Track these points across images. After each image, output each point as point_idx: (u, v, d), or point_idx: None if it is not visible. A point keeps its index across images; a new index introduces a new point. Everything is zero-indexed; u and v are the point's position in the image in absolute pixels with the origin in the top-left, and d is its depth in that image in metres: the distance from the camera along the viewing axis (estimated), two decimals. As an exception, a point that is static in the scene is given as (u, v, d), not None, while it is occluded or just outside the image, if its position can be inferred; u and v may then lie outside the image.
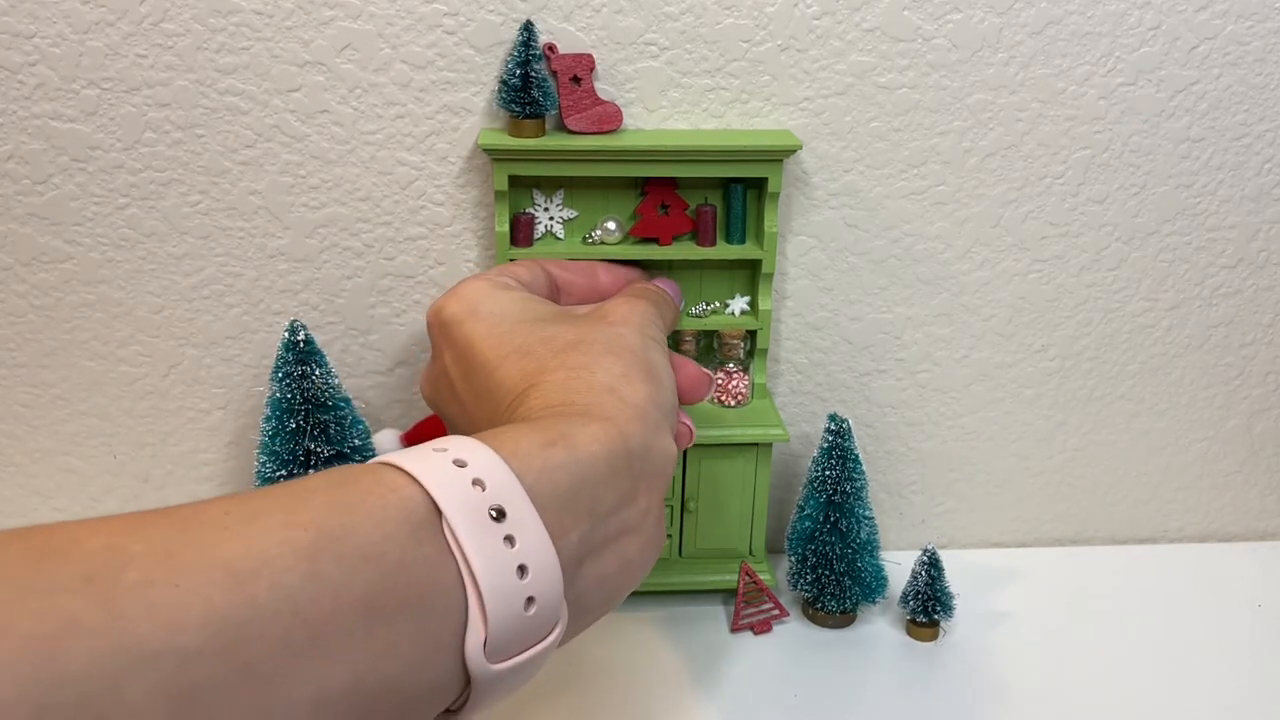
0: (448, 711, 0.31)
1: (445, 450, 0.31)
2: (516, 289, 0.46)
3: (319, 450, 0.55)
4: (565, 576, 0.32)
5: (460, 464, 0.30)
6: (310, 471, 0.55)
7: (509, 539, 0.30)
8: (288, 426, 0.55)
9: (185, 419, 0.66)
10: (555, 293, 0.51)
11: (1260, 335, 0.70)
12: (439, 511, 0.29)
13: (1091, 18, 0.60)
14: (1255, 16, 0.61)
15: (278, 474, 0.56)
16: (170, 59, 0.57)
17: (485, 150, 0.57)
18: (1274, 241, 0.67)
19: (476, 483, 0.30)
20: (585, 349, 0.41)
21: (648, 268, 0.61)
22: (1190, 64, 0.62)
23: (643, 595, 0.65)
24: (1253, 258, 0.67)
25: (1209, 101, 0.63)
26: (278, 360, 0.55)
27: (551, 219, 0.60)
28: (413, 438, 0.61)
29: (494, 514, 0.30)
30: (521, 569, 0.30)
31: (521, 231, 0.59)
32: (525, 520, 0.31)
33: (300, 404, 0.55)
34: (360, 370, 0.65)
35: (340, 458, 0.55)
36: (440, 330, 0.45)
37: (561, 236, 0.60)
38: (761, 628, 0.63)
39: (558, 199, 0.60)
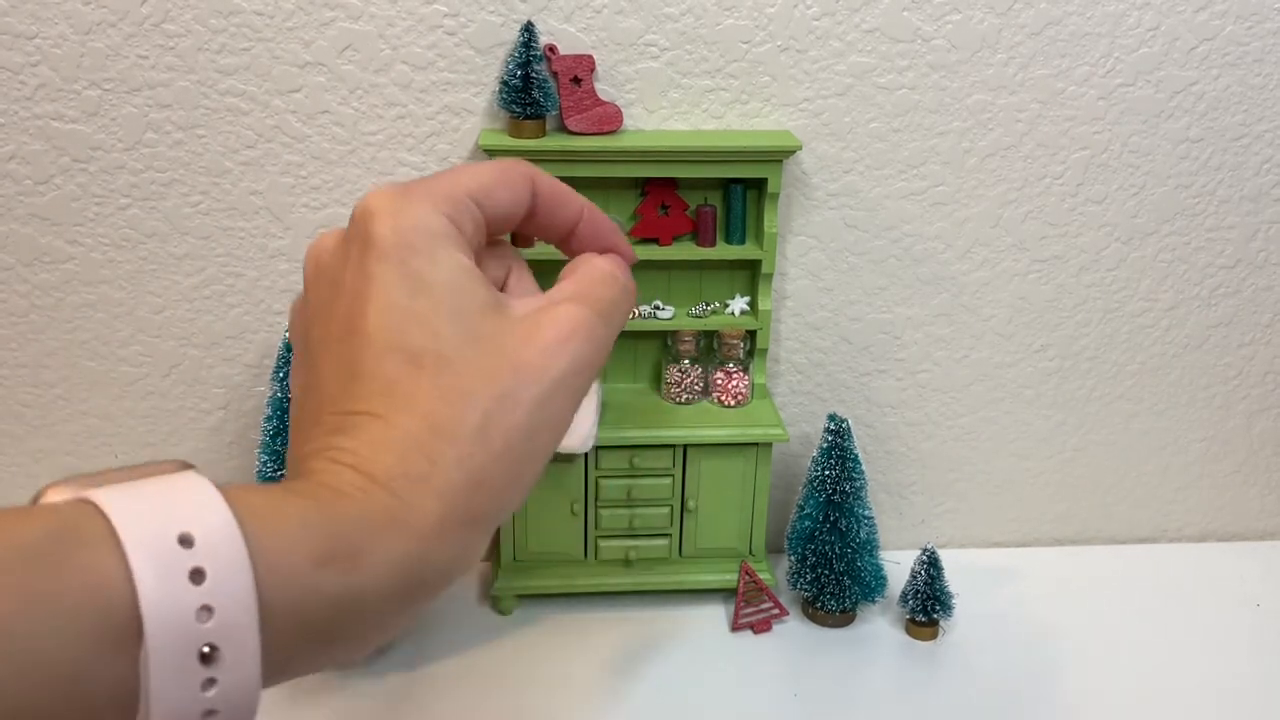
0: None
1: (182, 521, 0.25)
2: (466, 255, 0.33)
3: None
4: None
5: (189, 551, 0.25)
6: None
7: (209, 682, 0.25)
8: (289, 426, 0.55)
9: (186, 419, 0.66)
10: (520, 217, 0.37)
11: (1259, 335, 0.70)
12: (140, 631, 0.24)
13: (1091, 18, 0.60)
14: (1254, 18, 0.61)
15: (278, 473, 0.56)
16: (171, 60, 0.57)
17: (486, 151, 0.57)
18: (1273, 242, 0.67)
19: (205, 609, 0.24)
20: (473, 388, 0.30)
21: (648, 268, 0.61)
22: (1189, 65, 0.62)
23: (643, 595, 0.65)
24: (1251, 258, 0.67)
25: (1208, 102, 0.63)
26: (279, 360, 0.55)
27: (552, 219, 0.60)
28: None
29: (205, 652, 0.24)
30: (209, 715, 0.25)
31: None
32: (241, 663, 0.25)
33: None
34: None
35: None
36: (354, 239, 0.32)
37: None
38: (761, 627, 0.63)
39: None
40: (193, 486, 0.26)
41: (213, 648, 0.25)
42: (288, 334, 0.35)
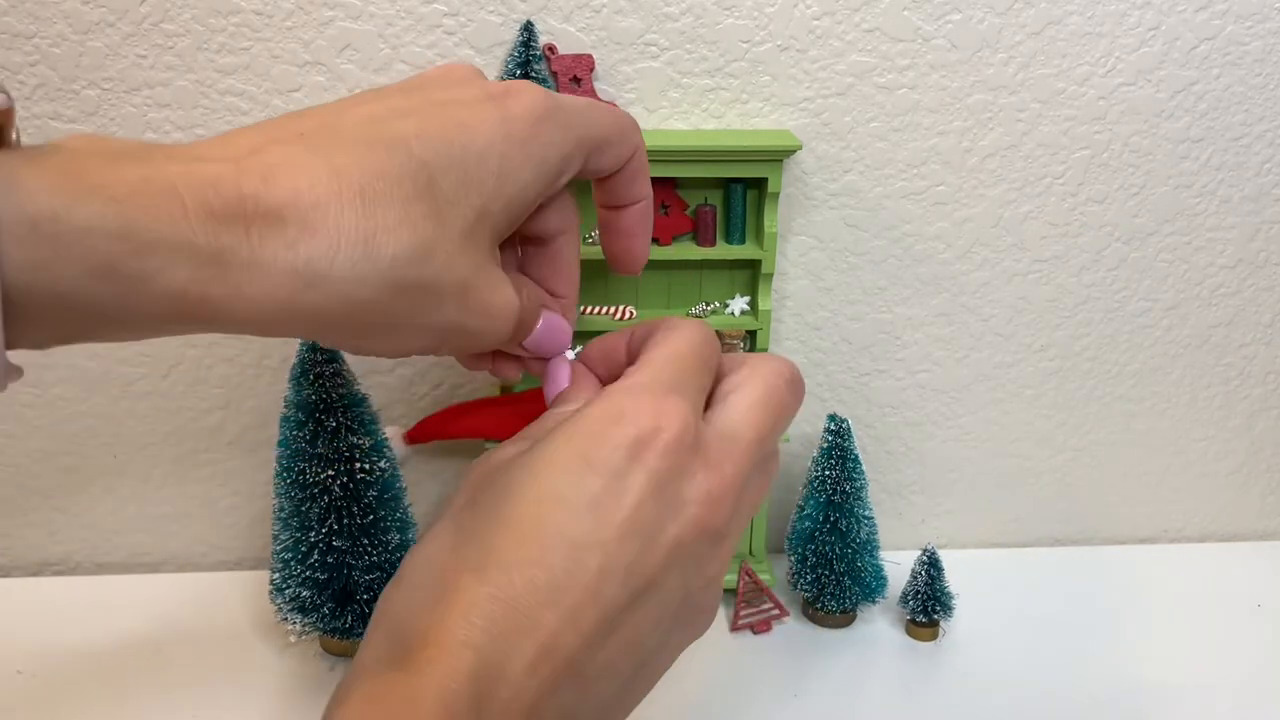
0: None
1: None
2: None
3: (341, 447, 0.55)
4: None
5: None
6: (328, 470, 0.54)
7: None
8: (309, 425, 0.55)
9: (185, 419, 0.66)
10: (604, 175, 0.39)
11: (1260, 335, 0.70)
12: None
13: (1091, 18, 0.60)
14: (1255, 17, 0.61)
15: (296, 469, 0.55)
16: (170, 59, 0.57)
17: (485, 150, 0.57)
18: (1273, 241, 0.67)
19: None
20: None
21: (648, 268, 0.61)
22: (1190, 64, 0.62)
23: (643, 595, 0.65)
24: (1252, 258, 0.67)
25: (1208, 102, 0.63)
26: (303, 361, 0.54)
27: (552, 219, 0.60)
28: (415, 435, 0.61)
29: None
30: None
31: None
32: None
33: (330, 402, 0.54)
34: (361, 369, 0.65)
35: (359, 455, 0.55)
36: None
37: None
38: (761, 627, 0.63)
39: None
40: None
41: None
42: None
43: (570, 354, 0.48)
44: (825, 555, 0.61)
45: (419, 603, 0.31)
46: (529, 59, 0.56)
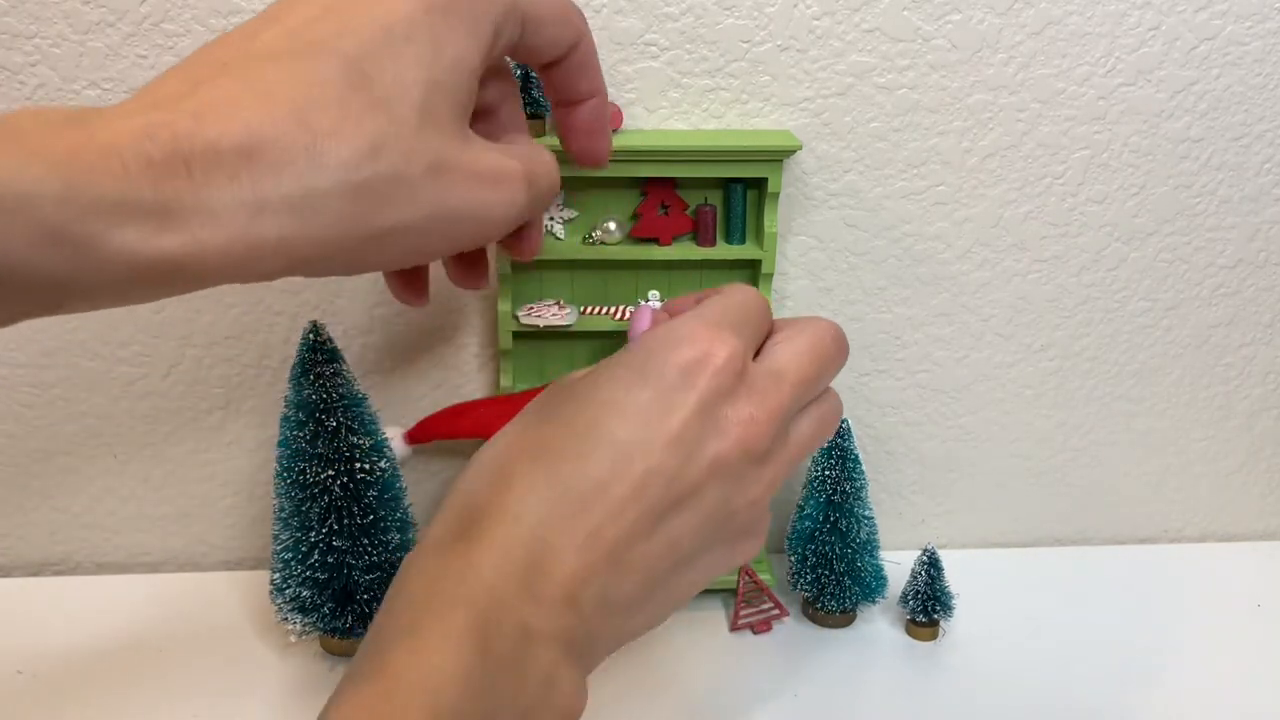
0: None
1: None
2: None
3: (341, 447, 0.55)
4: None
5: None
6: (328, 470, 0.55)
7: None
8: (309, 425, 0.55)
9: (185, 419, 0.66)
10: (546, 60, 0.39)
11: (1260, 335, 0.70)
12: None
13: (1091, 18, 0.60)
14: (1255, 17, 0.61)
15: (296, 469, 0.55)
16: (171, 59, 0.57)
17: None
18: (1273, 241, 0.67)
19: None
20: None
21: (648, 268, 0.61)
22: (1190, 64, 0.62)
23: (643, 595, 0.65)
24: (1252, 258, 0.67)
25: (1208, 102, 0.63)
26: (303, 361, 0.54)
27: (551, 219, 0.60)
28: (416, 435, 0.61)
29: None
30: None
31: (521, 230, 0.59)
32: None
33: (330, 402, 0.54)
34: (361, 369, 0.65)
35: (359, 455, 0.55)
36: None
37: (562, 236, 0.60)
38: (761, 627, 0.63)
39: (558, 199, 0.60)
40: None
41: None
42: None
43: (655, 301, 0.51)
44: (825, 555, 0.61)
45: (482, 484, 0.35)
46: (529, 59, 0.56)
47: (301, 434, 0.54)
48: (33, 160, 0.26)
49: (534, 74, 0.56)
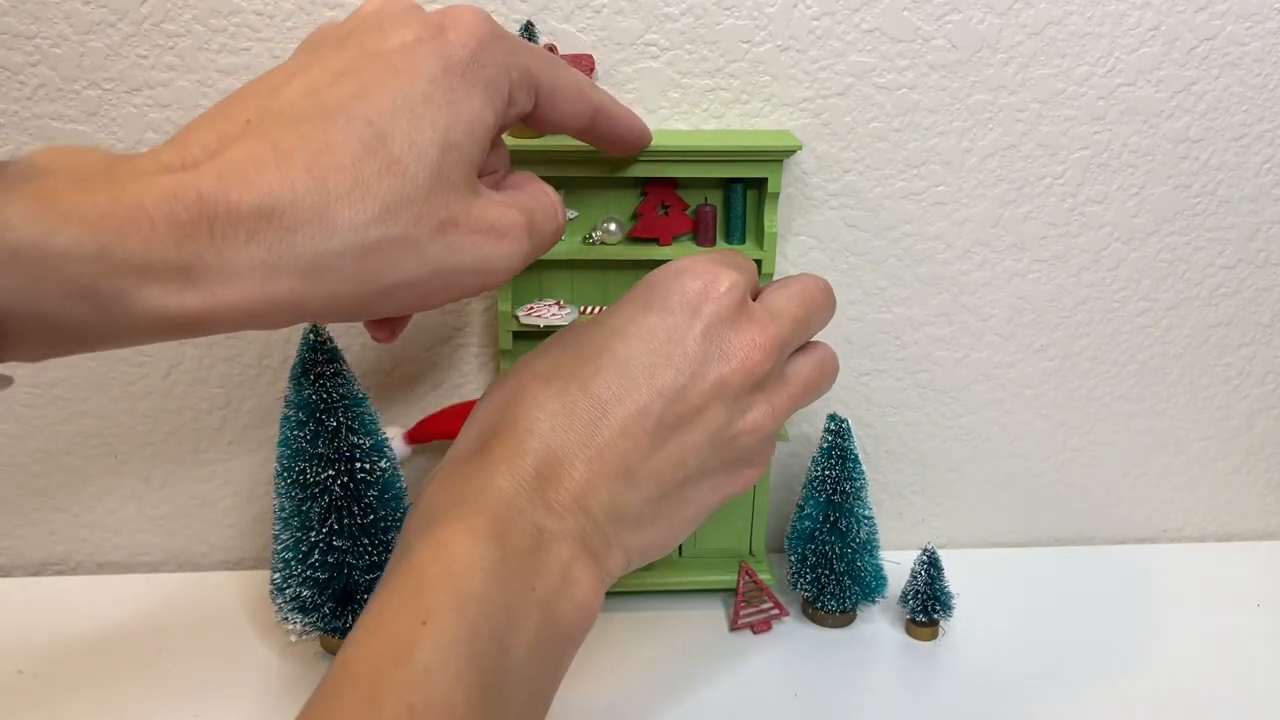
0: None
1: None
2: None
3: (341, 447, 0.55)
4: None
5: None
6: (328, 470, 0.55)
7: None
8: (309, 425, 0.55)
9: (186, 419, 0.66)
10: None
11: (1260, 335, 0.70)
12: None
13: (1091, 18, 0.60)
14: (1254, 17, 0.61)
15: (296, 469, 0.55)
16: (171, 59, 0.57)
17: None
18: (1273, 241, 0.67)
19: None
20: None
21: (648, 269, 0.61)
22: (1189, 65, 0.62)
23: (643, 595, 0.65)
24: (1252, 258, 0.67)
25: (1208, 102, 0.63)
26: (303, 361, 0.54)
27: (552, 219, 0.60)
28: (416, 435, 0.61)
29: None
30: None
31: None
32: None
33: (331, 402, 0.54)
34: (361, 369, 0.65)
35: (359, 455, 0.55)
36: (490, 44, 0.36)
37: (562, 236, 0.60)
38: (761, 627, 0.63)
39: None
40: None
41: None
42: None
43: None
44: (825, 555, 0.61)
45: (500, 405, 0.38)
46: (529, 59, 0.56)
47: (302, 434, 0.54)
48: (68, 221, 0.27)
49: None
